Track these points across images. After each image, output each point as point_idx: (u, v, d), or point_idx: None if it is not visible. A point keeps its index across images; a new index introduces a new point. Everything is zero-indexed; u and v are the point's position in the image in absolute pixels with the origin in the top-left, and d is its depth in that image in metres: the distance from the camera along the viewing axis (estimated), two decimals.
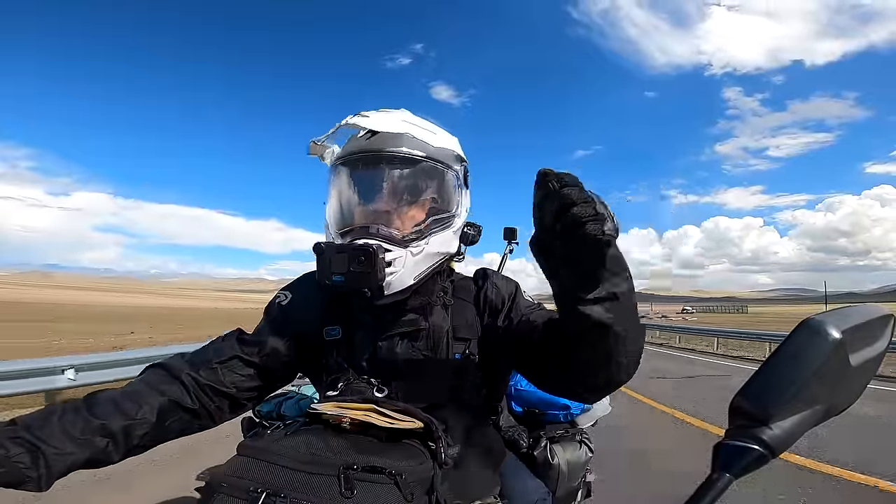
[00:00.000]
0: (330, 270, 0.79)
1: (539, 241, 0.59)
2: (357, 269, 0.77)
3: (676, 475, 3.15)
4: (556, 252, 0.57)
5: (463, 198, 0.92)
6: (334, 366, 0.87)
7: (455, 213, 0.89)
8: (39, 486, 0.65)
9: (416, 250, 0.83)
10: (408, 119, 0.89)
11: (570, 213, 0.52)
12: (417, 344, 0.87)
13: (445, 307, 0.91)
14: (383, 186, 0.84)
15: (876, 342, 0.45)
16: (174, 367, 0.81)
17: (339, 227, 0.87)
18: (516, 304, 0.89)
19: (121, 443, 0.72)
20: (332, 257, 0.79)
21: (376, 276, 0.77)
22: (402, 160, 0.84)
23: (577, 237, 0.53)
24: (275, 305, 0.93)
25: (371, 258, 0.77)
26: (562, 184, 0.54)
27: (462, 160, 0.94)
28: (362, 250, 0.77)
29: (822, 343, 0.40)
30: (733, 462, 0.39)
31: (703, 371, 9.44)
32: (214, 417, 0.84)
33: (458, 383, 0.86)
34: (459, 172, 0.92)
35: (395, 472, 0.59)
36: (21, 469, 0.63)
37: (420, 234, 0.84)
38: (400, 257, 0.81)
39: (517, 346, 0.84)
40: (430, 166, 0.86)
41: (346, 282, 0.79)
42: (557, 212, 0.54)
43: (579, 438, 1.41)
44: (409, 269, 0.82)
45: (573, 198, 0.53)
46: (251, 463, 0.58)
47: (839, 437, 4.07)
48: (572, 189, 0.53)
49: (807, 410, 0.41)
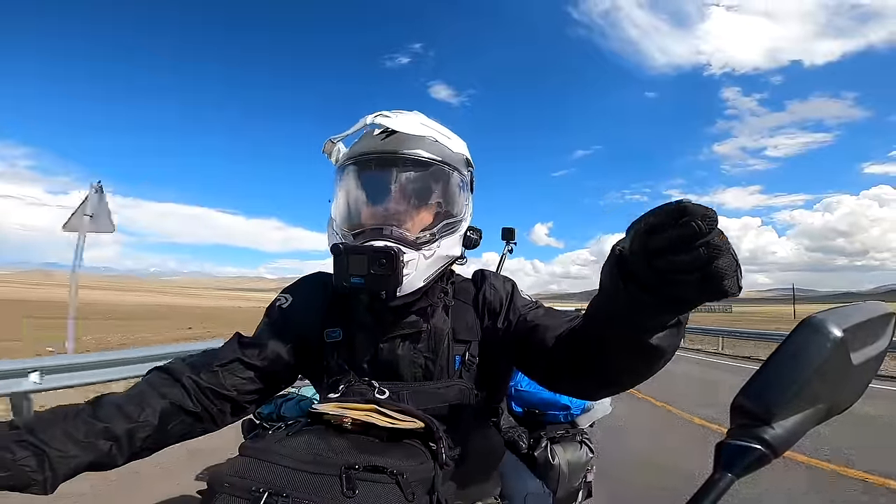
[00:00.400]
0: (348, 272, 0.79)
1: (628, 263, 0.50)
2: (378, 272, 0.77)
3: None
4: (640, 277, 0.49)
5: (469, 202, 0.93)
6: (335, 368, 0.87)
7: (462, 217, 0.90)
8: (45, 490, 0.65)
9: (428, 253, 0.83)
10: (424, 122, 0.89)
11: (715, 266, 0.44)
12: (418, 346, 0.87)
13: (446, 309, 0.91)
14: (397, 188, 0.85)
15: (877, 340, 0.45)
16: (176, 371, 0.82)
17: (350, 226, 0.86)
18: (514, 304, 0.90)
19: (124, 446, 0.72)
20: (350, 258, 0.79)
21: (397, 278, 0.78)
22: (417, 162, 0.85)
23: (710, 288, 0.46)
24: (275, 308, 0.93)
25: (392, 261, 0.77)
26: (710, 226, 0.43)
27: (470, 165, 0.95)
28: (384, 253, 0.77)
29: (824, 342, 0.40)
30: (735, 462, 0.39)
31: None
32: (217, 420, 0.84)
33: (459, 385, 0.86)
34: (467, 177, 0.93)
35: (396, 472, 0.59)
36: (27, 472, 0.63)
37: (432, 237, 0.85)
38: (413, 260, 0.81)
39: (518, 347, 0.84)
40: (443, 170, 0.87)
41: (366, 284, 0.78)
42: (702, 262, 0.44)
43: (580, 439, 1.41)
44: (420, 272, 0.83)
45: (722, 249, 0.44)
46: (253, 463, 0.58)
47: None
48: (722, 240, 0.44)
49: (809, 409, 0.41)
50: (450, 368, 0.87)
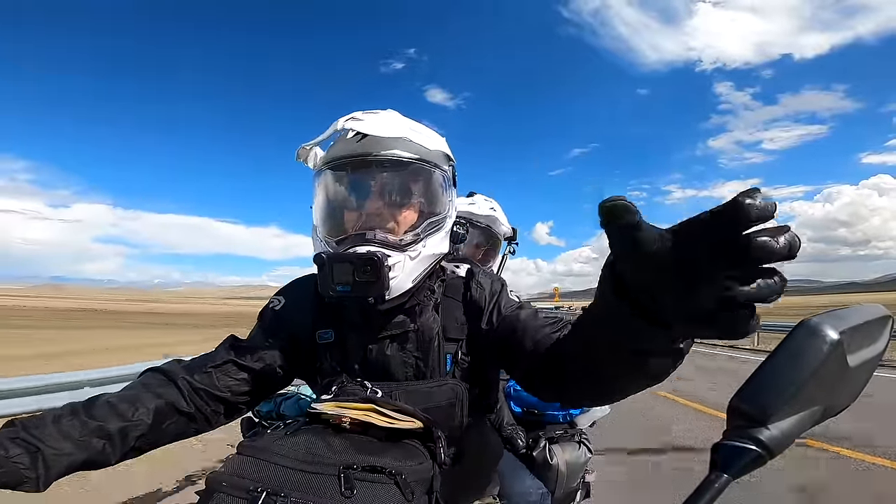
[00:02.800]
0: (333, 281, 0.78)
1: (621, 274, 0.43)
2: (363, 279, 0.77)
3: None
4: (634, 294, 0.42)
5: (452, 198, 0.92)
6: (328, 369, 0.88)
7: (447, 214, 0.89)
8: (38, 487, 0.65)
9: (413, 254, 0.82)
10: (398, 120, 0.88)
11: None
12: (407, 346, 0.87)
13: (436, 308, 0.91)
14: (376, 190, 0.84)
15: (874, 343, 0.45)
16: (170, 372, 0.82)
17: (332, 233, 0.86)
18: (499, 304, 0.88)
19: (118, 444, 0.73)
20: (335, 267, 0.78)
21: (382, 284, 0.77)
22: (394, 163, 0.83)
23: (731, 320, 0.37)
24: (268, 310, 0.94)
25: (376, 267, 0.76)
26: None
27: (450, 159, 0.93)
28: (367, 259, 0.77)
29: (821, 344, 0.40)
30: (731, 462, 0.39)
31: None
32: (210, 421, 0.84)
33: (451, 384, 0.87)
34: (448, 172, 0.91)
35: (394, 472, 0.59)
36: (20, 469, 0.63)
37: (416, 237, 0.84)
38: (399, 262, 0.80)
39: (501, 347, 0.83)
40: (422, 168, 0.86)
41: (351, 292, 0.78)
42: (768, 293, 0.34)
43: (578, 439, 1.41)
44: (407, 273, 0.82)
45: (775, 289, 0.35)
46: (251, 462, 0.58)
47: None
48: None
49: (805, 411, 0.41)
50: (441, 367, 0.87)
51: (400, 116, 0.90)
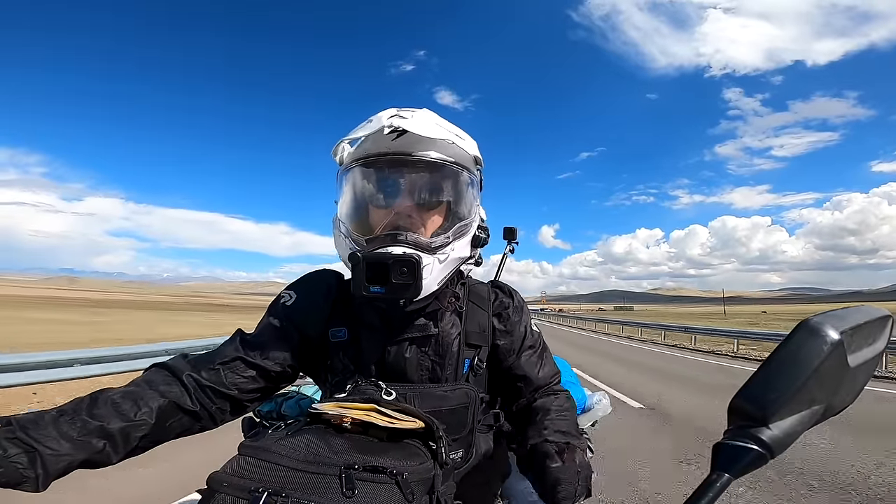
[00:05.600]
0: (367, 281, 0.77)
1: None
2: (399, 281, 0.76)
3: None
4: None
5: (478, 201, 0.91)
6: (340, 368, 0.87)
7: (473, 218, 0.88)
8: (37, 487, 0.64)
9: (442, 257, 0.81)
10: (437, 121, 0.87)
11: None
12: (426, 349, 0.87)
13: (458, 313, 0.90)
14: (410, 190, 0.82)
15: (874, 343, 0.45)
16: (176, 368, 0.80)
17: (362, 231, 0.84)
18: (524, 343, 0.97)
19: (119, 444, 0.71)
20: (370, 267, 0.76)
21: (418, 286, 0.76)
22: (431, 164, 0.82)
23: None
24: (279, 305, 0.91)
25: (414, 269, 0.75)
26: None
27: (479, 163, 0.92)
28: (406, 261, 0.76)
29: (821, 344, 0.40)
30: (732, 462, 0.39)
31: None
32: (216, 419, 0.83)
33: (466, 388, 0.87)
34: (477, 176, 0.91)
35: (396, 472, 0.59)
36: (18, 469, 0.62)
37: (446, 240, 0.83)
38: (429, 265, 0.79)
39: (504, 376, 0.96)
40: (455, 171, 0.84)
41: (386, 293, 0.77)
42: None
43: None
44: (435, 276, 0.81)
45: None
46: (252, 462, 0.58)
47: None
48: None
49: (805, 411, 0.41)
50: (458, 372, 0.87)
51: (437, 117, 0.89)
